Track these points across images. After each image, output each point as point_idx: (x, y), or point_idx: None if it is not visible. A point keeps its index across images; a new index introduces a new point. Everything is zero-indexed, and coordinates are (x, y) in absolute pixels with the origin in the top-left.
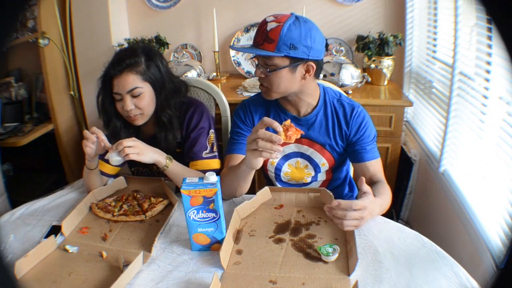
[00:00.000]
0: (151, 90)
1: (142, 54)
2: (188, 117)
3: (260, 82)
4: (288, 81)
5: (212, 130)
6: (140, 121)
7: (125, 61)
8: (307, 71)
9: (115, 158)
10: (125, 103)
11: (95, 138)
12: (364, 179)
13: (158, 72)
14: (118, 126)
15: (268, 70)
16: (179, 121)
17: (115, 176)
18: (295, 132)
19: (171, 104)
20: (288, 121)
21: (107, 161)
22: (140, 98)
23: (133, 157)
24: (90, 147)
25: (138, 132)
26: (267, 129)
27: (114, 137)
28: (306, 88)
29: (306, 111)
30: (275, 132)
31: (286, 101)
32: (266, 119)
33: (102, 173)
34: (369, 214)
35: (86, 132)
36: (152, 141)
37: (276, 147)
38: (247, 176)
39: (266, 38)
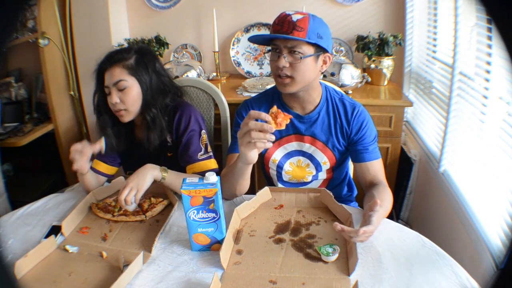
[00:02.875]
0: (138, 87)
1: (135, 53)
2: (176, 120)
3: (282, 73)
4: (312, 70)
5: (203, 131)
6: (126, 118)
7: (116, 56)
8: (324, 62)
9: (130, 208)
10: (111, 96)
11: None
12: (378, 202)
13: (146, 71)
14: (106, 120)
15: (301, 57)
16: (168, 126)
17: (112, 176)
18: (284, 118)
19: (157, 104)
20: (275, 108)
21: (102, 160)
22: (125, 92)
23: (139, 195)
24: (77, 164)
25: (132, 137)
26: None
27: (101, 130)
28: (315, 82)
29: (310, 108)
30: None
31: (293, 97)
32: (252, 112)
33: (98, 172)
34: (376, 229)
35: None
36: (145, 145)
37: (269, 136)
38: (245, 172)
39: (295, 26)
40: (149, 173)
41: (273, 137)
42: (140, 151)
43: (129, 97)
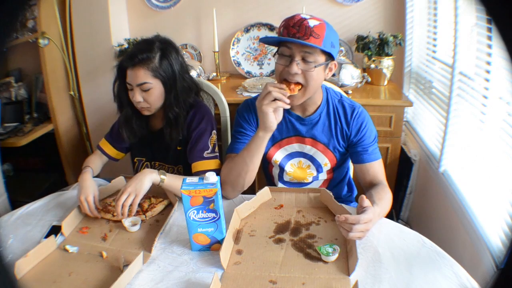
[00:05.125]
0: (161, 86)
1: (158, 50)
2: (190, 116)
3: (293, 80)
4: (321, 79)
5: (214, 131)
6: (147, 113)
7: (139, 55)
8: (330, 70)
9: (132, 227)
10: (135, 95)
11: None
12: (364, 197)
13: (170, 70)
14: (130, 114)
15: (315, 65)
16: (174, 128)
17: (117, 160)
18: (296, 85)
19: (180, 102)
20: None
21: (110, 143)
22: (149, 93)
23: (137, 200)
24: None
25: (147, 126)
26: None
27: (126, 123)
28: (319, 86)
29: (311, 110)
30: None
31: None
32: (269, 84)
33: (104, 153)
34: (372, 225)
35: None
36: (158, 135)
37: (286, 98)
38: (261, 146)
39: (312, 32)
40: (148, 178)
41: (288, 101)
42: (151, 140)
43: (153, 97)
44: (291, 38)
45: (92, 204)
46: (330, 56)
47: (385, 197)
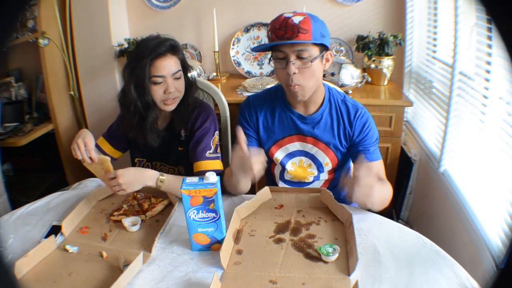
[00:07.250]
0: (182, 76)
1: (172, 41)
2: (194, 115)
3: (291, 82)
4: (320, 72)
5: (217, 132)
6: (174, 106)
7: (166, 43)
8: (327, 60)
9: (132, 227)
10: (169, 85)
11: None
12: (344, 176)
13: (186, 62)
14: (154, 116)
15: (311, 60)
16: (186, 119)
17: (115, 159)
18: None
19: (190, 95)
20: None
21: (108, 141)
22: (180, 80)
23: (122, 193)
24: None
25: (151, 127)
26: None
27: (154, 127)
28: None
29: (313, 109)
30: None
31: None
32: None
33: (101, 151)
34: (373, 180)
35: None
36: (164, 134)
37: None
38: (246, 178)
39: (300, 29)
40: (143, 182)
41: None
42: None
43: (182, 84)
44: (281, 42)
45: (89, 145)
46: (323, 47)
47: (384, 184)
